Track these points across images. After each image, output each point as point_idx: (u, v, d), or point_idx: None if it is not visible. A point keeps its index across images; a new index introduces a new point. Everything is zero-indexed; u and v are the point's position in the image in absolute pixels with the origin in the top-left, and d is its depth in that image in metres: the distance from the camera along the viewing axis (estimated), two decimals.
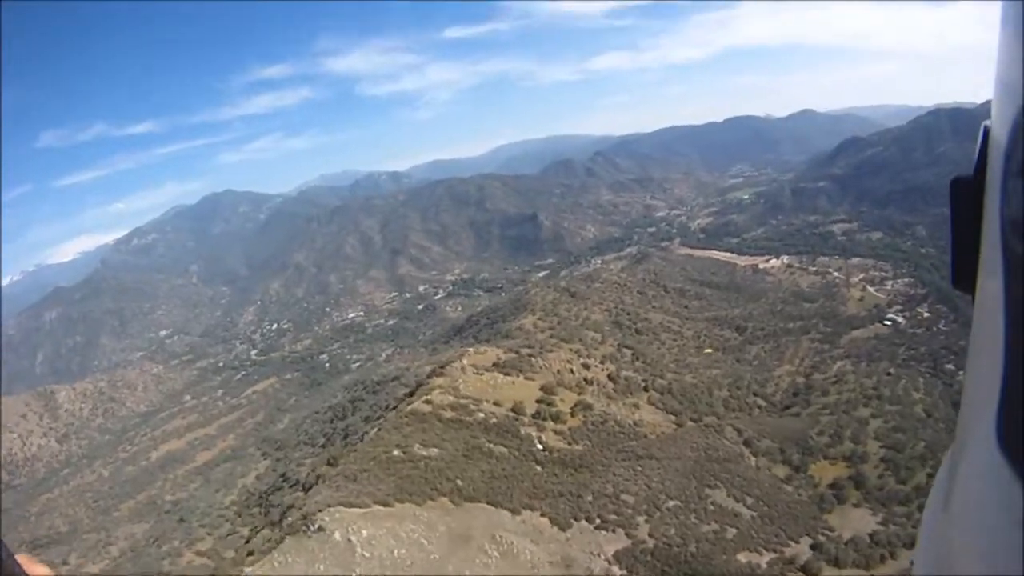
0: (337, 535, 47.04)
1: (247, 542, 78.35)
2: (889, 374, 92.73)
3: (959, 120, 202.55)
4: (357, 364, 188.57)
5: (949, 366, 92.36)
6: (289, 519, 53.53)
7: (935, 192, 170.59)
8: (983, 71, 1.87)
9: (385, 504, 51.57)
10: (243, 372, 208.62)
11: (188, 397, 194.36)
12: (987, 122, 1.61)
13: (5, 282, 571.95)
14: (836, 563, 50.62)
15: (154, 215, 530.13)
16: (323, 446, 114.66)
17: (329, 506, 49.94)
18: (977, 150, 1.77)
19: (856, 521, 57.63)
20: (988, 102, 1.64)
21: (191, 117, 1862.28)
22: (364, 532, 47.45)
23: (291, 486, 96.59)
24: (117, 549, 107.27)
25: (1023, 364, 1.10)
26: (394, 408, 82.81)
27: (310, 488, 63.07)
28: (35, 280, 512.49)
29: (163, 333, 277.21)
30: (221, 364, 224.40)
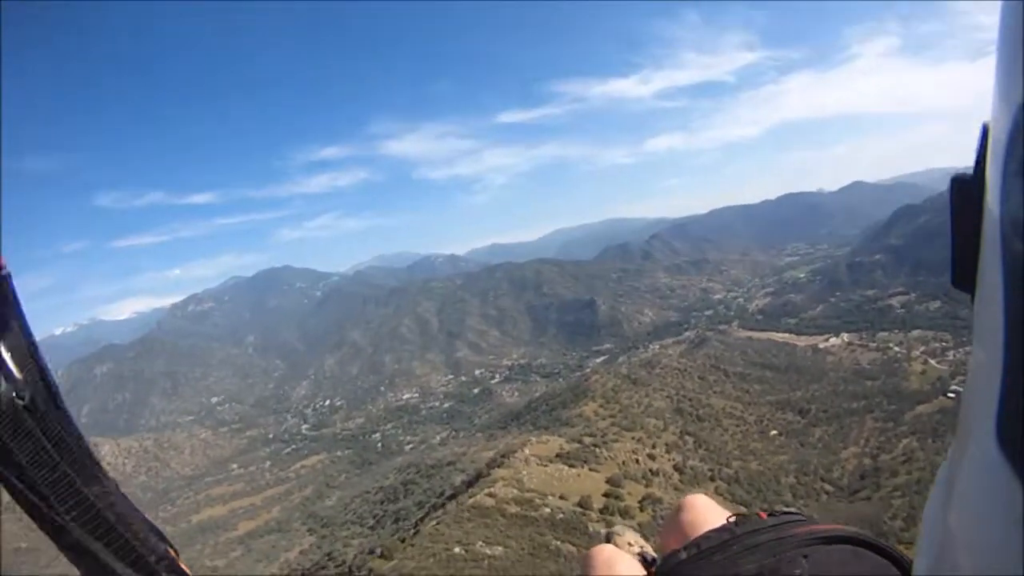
0: None
1: None
2: None
3: None
4: (410, 446, 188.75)
5: None
6: None
7: None
8: None
9: None
10: (293, 446, 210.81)
11: (235, 465, 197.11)
12: (987, 121, 1.45)
13: (57, 332, 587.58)
14: None
15: (210, 284, 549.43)
16: (372, 527, 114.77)
17: None
18: (976, 149, 1.51)
19: None
20: None
21: (251, 191, 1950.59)
22: None
23: (337, 566, 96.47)
24: None
25: (1023, 364, 1.03)
26: (451, 497, 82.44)
27: None
28: (88, 334, 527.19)
29: (215, 400, 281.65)
30: (271, 436, 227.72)
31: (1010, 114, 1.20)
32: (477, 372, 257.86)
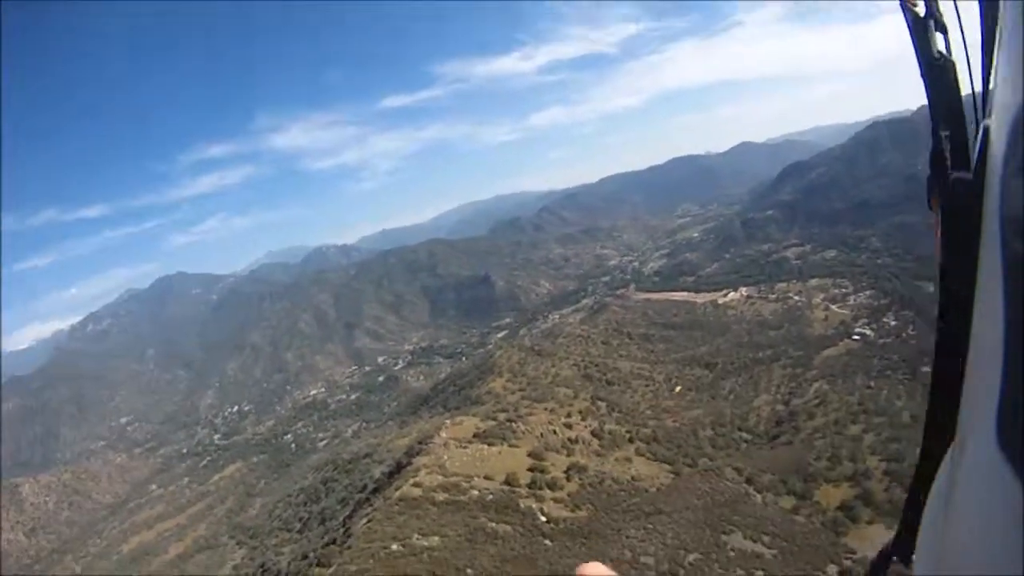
0: None
1: None
2: (869, 387, 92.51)
3: (898, 130, 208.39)
4: (324, 442, 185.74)
5: (925, 369, 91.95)
6: None
7: (884, 203, 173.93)
8: (912, 79, 2.24)
9: None
10: (208, 458, 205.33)
11: (154, 486, 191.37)
12: (987, 122, 1.62)
13: None
14: None
15: (108, 299, 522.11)
16: (300, 531, 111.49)
17: None
18: (976, 150, 1.81)
19: (874, 538, 55.95)
20: (924, 107, 2.41)
21: (139, 200, 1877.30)
22: None
23: None
24: None
25: (1023, 364, 1.11)
26: (375, 491, 79.55)
27: None
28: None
29: (123, 420, 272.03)
30: (185, 451, 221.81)
31: (1010, 114, 1.25)
32: (380, 360, 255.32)
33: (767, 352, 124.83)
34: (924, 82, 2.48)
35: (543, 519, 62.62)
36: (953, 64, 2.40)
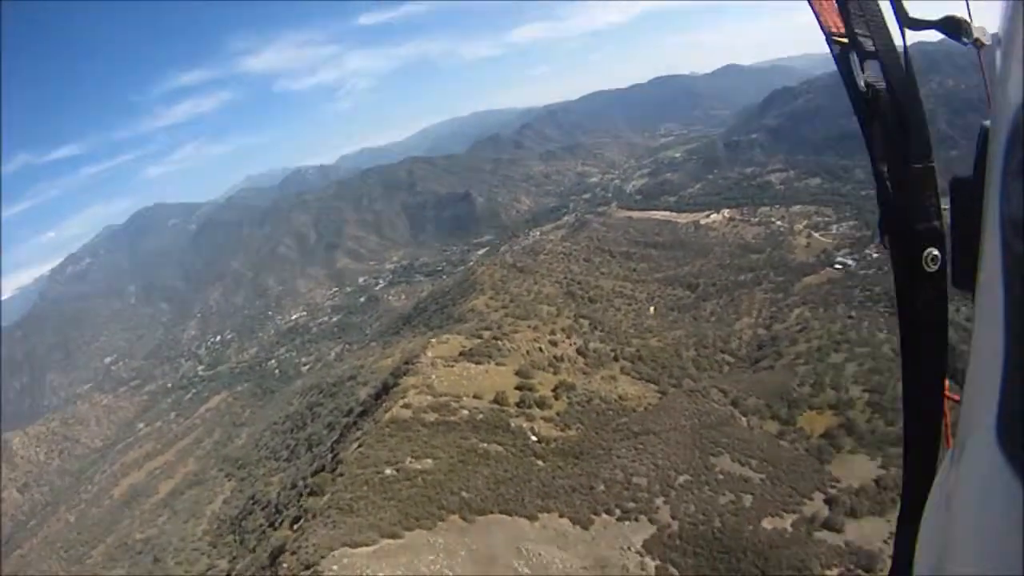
0: None
1: None
2: (851, 317, 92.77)
3: None
4: (307, 366, 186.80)
5: None
6: (285, 565, 47.12)
7: None
8: (909, 9, 2.46)
9: (394, 536, 46.50)
10: (193, 390, 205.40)
11: (141, 425, 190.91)
12: (985, 122, 1.65)
13: None
14: (854, 514, 50.38)
15: (86, 239, 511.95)
16: (287, 459, 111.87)
17: (332, 549, 44.40)
18: (976, 150, 1.81)
19: (857, 468, 57.33)
20: (918, 41, 2.53)
21: (112, 134, 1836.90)
22: (381, 575, 41.91)
23: (263, 509, 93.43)
24: None
25: (1023, 364, 1.12)
26: (362, 414, 79.80)
27: (297, 523, 57.16)
28: None
29: (108, 360, 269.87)
30: (170, 385, 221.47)
31: (1010, 114, 1.26)
32: (361, 280, 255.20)
33: (749, 275, 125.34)
34: (857, 117, 2.57)
35: (534, 439, 63.46)
36: (883, 93, 2.47)
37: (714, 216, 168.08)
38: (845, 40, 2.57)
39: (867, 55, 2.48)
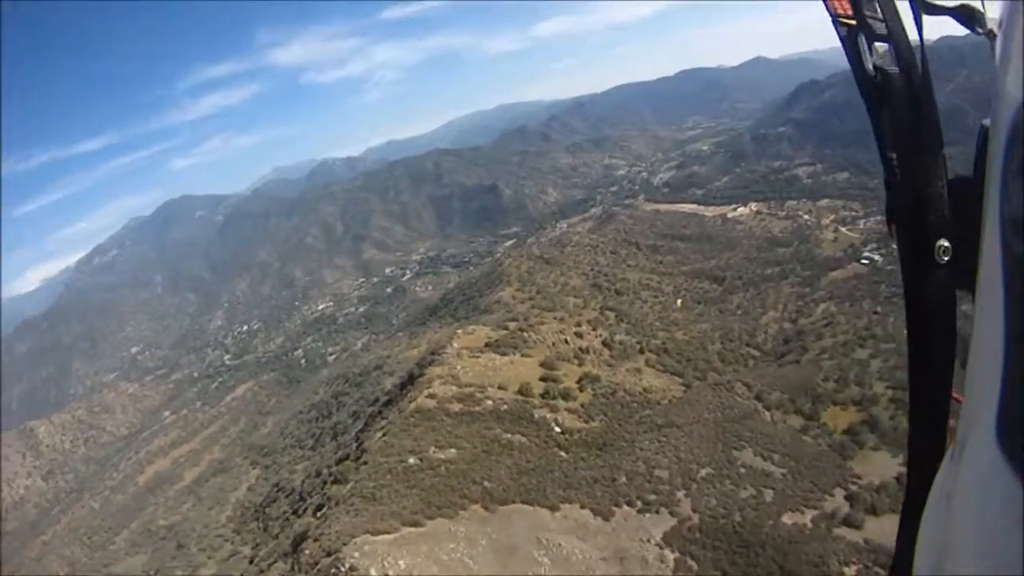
0: (373, 572, 41.61)
1: (251, 562, 76.40)
2: (876, 312, 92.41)
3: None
4: (333, 356, 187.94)
5: None
6: (307, 552, 47.96)
7: None
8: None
9: (416, 524, 47.26)
10: (219, 379, 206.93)
11: (167, 413, 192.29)
12: (985, 121, 1.67)
13: None
14: (874, 511, 50.20)
15: (113, 231, 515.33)
16: (312, 448, 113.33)
17: (354, 536, 45.23)
18: (976, 149, 1.83)
19: (879, 465, 57.07)
20: (945, 36, 2.45)
21: (140, 127, 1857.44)
22: (402, 563, 42.68)
23: (287, 496, 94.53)
24: None
25: (1023, 364, 1.11)
26: (387, 403, 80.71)
27: (320, 510, 57.99)
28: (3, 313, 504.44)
29: (134, 350, 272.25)
30: (196, 374, 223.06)
31: (1010, 114, 1.26)
32: (388, 271, 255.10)
33: (775, 269, 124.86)
34: (865, 102, 2.47)
35: (558, 430, 63.99)
36: (891, 76, 2.36)
37: (741, 209, 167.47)
38: (853, 21, 2.46)
39: (877, 38, 2.40)
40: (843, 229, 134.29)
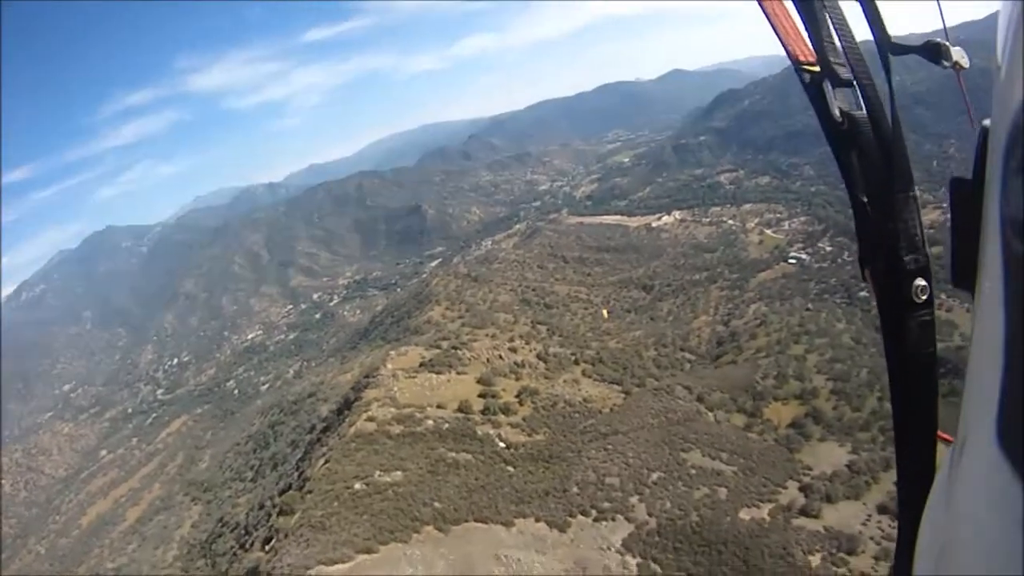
0: None
1: None
2: (808, 309, 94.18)
3: None
4: (266, 385, 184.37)
5: (862, 294, 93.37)
6: None
7: (816, 133, 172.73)
8: (848, 10, 2.40)
9: (369, 551, 45.78)
10: (153, 415, 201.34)
11: (104, 452, 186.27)
12: (985, 121, 1.63)
13: None
14: (829, 499, 51.01)
15: (39, 265, 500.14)
16: (253, 480, 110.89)
17: (307, 569, 43.81)
18: (976, 149, 1.78)
19: (827, 455, 58.11)
20: (867, 41, 2.44)
21: (62, 156, 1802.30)
22: None
23: (232, 531, 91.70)
24: None
25: (1023, 364, 1.11)
26: (325, 430, 78.71)
27: (269, 543, 55.10)
28: None
29: (67, 387, 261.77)
30: (130, 410, 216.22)
31: (1010, 114, 1.25)
32: (315, 296, 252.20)
33: (703, 274, 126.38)
34: (831, 146, 2.49)
35: (502, 445, 62.91)
36: (858, 120, 2.37)
37: (665, 218, 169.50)
38: (817, 68, 2.49)
39: (841, 83, 2.41)
40: (768, 231, 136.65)
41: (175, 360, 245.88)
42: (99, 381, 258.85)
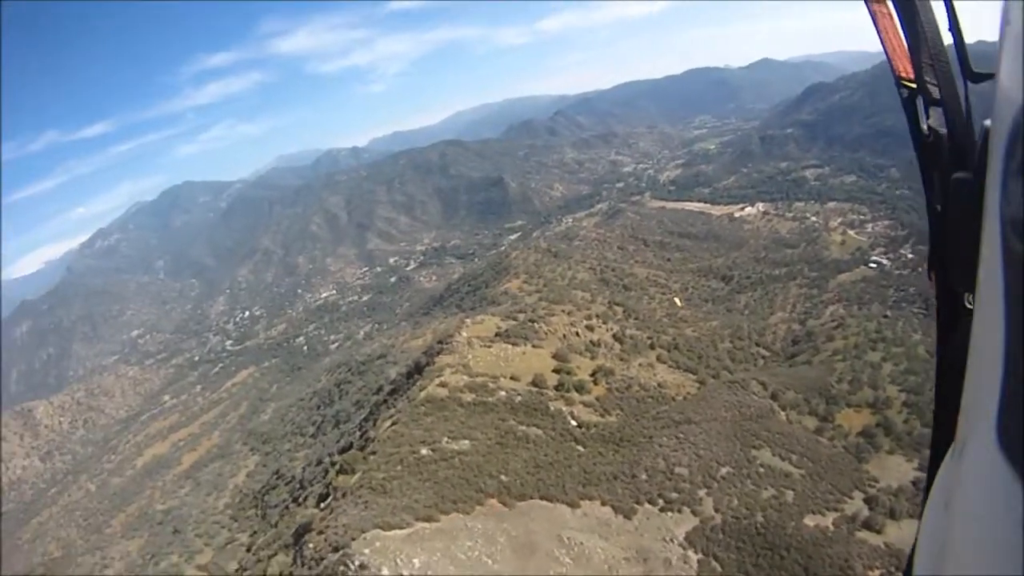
0: (386, 571, 38.65)
1: (249, 551, 75.88)
2: (886, 316, 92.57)
3: None
4: (336, 344, 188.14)
5: None
6: (311, 545, 45.02)
7: (905, 135, 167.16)
8: (941, 11, 2.52)
9: (429, 519, 44.56)
10: (220, 364, 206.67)
11: (167, 397, 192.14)
12: (986, 122, 1.65)
13: None
14: (892, 515, 50.22)
15: (116, 215, 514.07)
16: (313, 435, 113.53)
17: (363, 531, 42.29)
18: (976, 149, 1.86)
19: (894, 469, 57.31)
20: (950, 45, 2.55)
21: (143, 113, 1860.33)
22: (416, 561, 39.72)
23: (287, 484, 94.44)
24: (113, 571, 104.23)
25: (1023, 364, 1.12)
26: (393, 392, 79.99)
27: (324, 501, 55.44)
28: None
29: (135, 333, 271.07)
30: (197, 359, 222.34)
31: (1010, 114, 1.27)
32: (391, 260, 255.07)
33: (783, 270, 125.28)
34: (918, 159, 2.71)
35: (574, 423, 63.30)
36: (943, 139, 2.56)
37: (749, 209, 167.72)
38: (913, 85, 2.67)
39: (933, 102, 2.57)
40: (851, 232, 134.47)
41: (247, 313, 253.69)
42: (168, 329, 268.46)
